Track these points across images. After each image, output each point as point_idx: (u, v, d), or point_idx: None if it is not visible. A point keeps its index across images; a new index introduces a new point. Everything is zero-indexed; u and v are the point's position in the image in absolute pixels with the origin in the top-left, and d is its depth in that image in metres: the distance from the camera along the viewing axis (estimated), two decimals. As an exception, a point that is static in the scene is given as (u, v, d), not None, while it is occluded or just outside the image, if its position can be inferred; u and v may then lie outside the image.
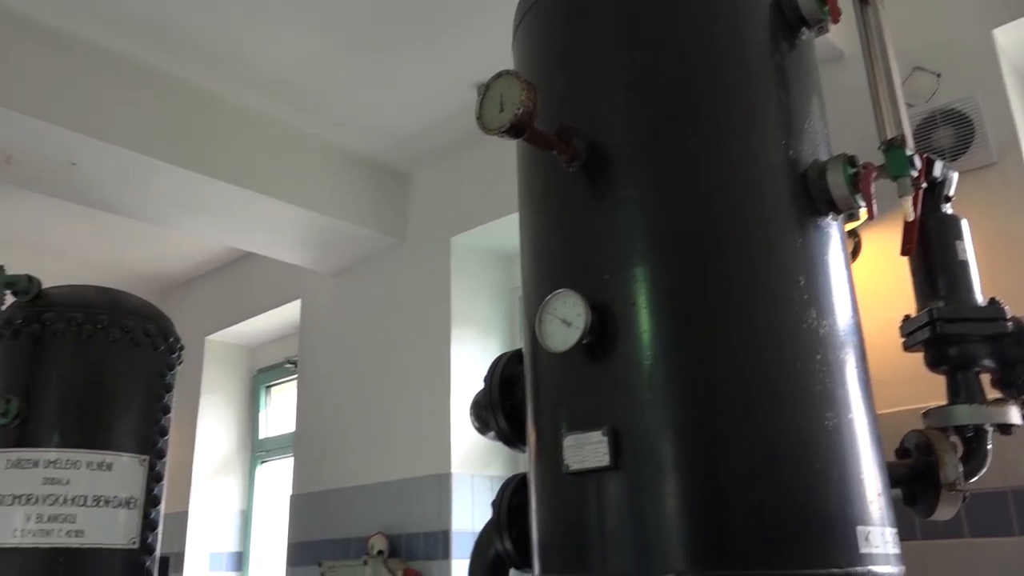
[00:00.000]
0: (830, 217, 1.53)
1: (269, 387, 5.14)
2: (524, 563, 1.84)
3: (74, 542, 3.13)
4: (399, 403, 3.69)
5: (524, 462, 3.45)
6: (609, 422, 1.38)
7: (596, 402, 1.42)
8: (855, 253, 2.56)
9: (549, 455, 1.49)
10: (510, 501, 1.87)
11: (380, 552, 3.34)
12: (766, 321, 1.38)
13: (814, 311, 1.41)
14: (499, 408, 1.90)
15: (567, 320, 1.44)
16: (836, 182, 1.48)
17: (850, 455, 1.35)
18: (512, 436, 1.91)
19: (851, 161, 1.50)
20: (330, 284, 4.29)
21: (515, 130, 1.40)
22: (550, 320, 1.47)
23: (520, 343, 1.82)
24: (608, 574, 1.34)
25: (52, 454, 3.19)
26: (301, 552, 3.91)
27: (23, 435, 3.20)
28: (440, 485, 3.37)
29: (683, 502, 1.29)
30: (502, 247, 3.84)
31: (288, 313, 4.66)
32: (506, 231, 3.64)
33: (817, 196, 1.50)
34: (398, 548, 3.41)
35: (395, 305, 3.89)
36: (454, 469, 3.37)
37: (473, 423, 2.09)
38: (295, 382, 4.61)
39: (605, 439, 1.36)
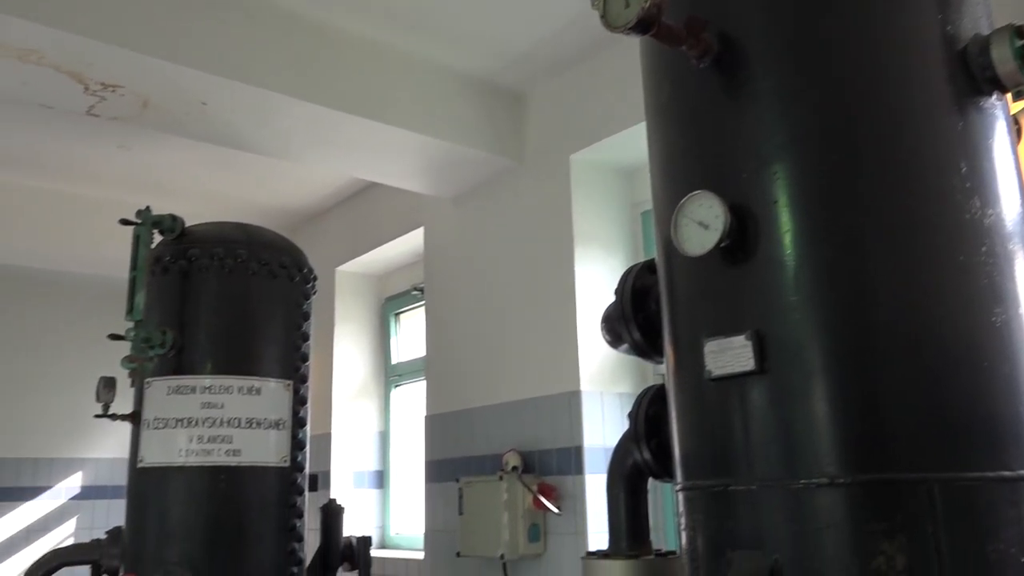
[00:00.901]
0: (994, 97, 1.39)
1: (398, 314, 5.30)
2: (664, 472, 1.84)
3: (232, 460, 3.37)
4: (526, 324, 3.73)
5: (653, 378, 3.43)
6: (752, 326, 1.33)
7: (737, 306, 1.37)
8: (1019, 135, 2.35)
9: (689, 363, 1.46)
10: (647, 412, 1.86)
11: (514, 468, 3.43)
12: (923, 214, 1.29)
13: (977, 200, 1.30)
14: (632, 320, 1.87)
15: (704, 223, 1.38)
16: (1002, 57, 1.34)
17: (1022, 352, 1.25)
18: (646, 347, 1.88)
19: (1019, 32, 1.35)
20: (451, 210, 4.34)
21: (642, 25, 1.33)
22: (686, 224, 1.42)
23: (643, 258, 1.77)
24: (755, 480, 1.31)
25: (207, 380, 3.42)
26: (439, 469, 4.07)
27: (180, 363, 3.44)
28: (570, 402, 3.41)
29: (834, 405, 1.24)
30: (623, 163, 3.75)
31: (412, 241, 4.76)
32: (626, 145, 3.55)
33: (979, 74, 1.36)
34: (531, 464, 3.49)
35: (516, 227, 3.89)
36: (583, 387, 3.39)
37: (604, 337, 2.08)
38: (422, 308, 4.73)
39: (749, 343, 1.32)
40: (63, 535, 6.55)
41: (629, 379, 3.56)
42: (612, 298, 2.12)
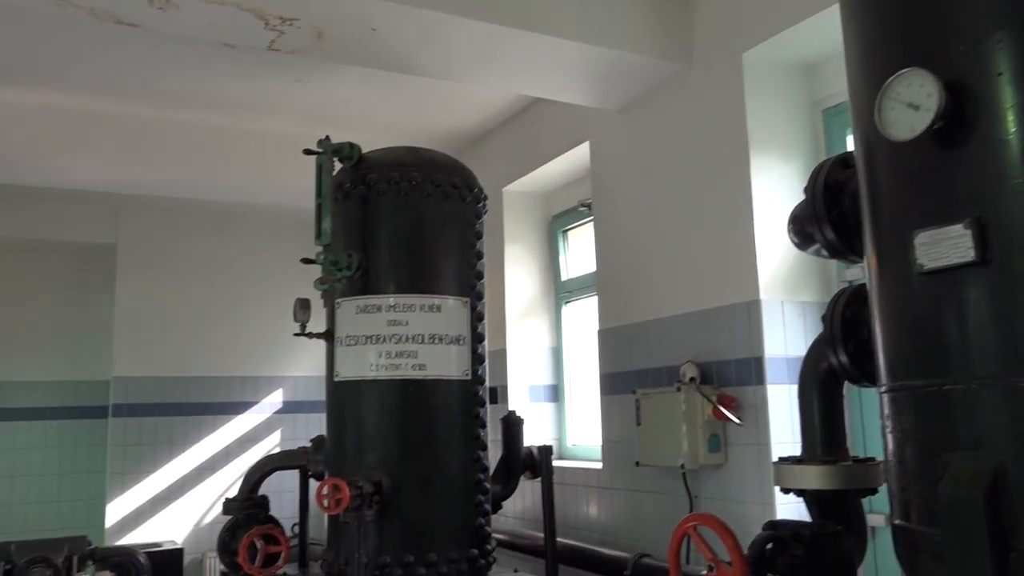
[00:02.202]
0: None
1: (566, 231, 5.32)
2: (862, 376, 1.76)
3: (418, 374, 3.56)
4: (699, 234, 3.63)
5: (838, 284, 3.27)
6: (972, 213, 1.22)
7: (953, 193, 1.26)
8: None
9: (895, 257, 1.37)
10: (843, 313, 1.78)
11: (692, 379, 3.40)
12: None
13: None
14: (824, 218, 1.78)
15: (914, 103, 1.27)
16: None
17: None
18: (840, 247, 1.79)
19: None
20: (617, 121, 4.25)
21: None
22: (892, 107, 1.31)
23: (823, 159, 1.66)
24: (973, 379, 1.23)
25: (391, 299, 3.60)
26: (614, 382, 4.11)
27: (365, 284, 3.64)
28: (749, 312, 3.31)
29: (1069, 296, 1.13)
30: (800, 58, 3.51)
31: (578, 156, 4.72)
32: (805, 39, 3.32)
33: None
34: (709, 375, 3.45)
35: (686, 134, 3.76)
36: (762, 296, 3.28)
37: (792, 239, 1.99)
38: (591, 224, 4.71)
39: (968, 232, 1.22)
40: (269, 446, 7.22)
41: (811, 287, 3.41)
42: (792, 203, 2.02)
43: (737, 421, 3.26)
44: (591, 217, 4.67)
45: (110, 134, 5.13)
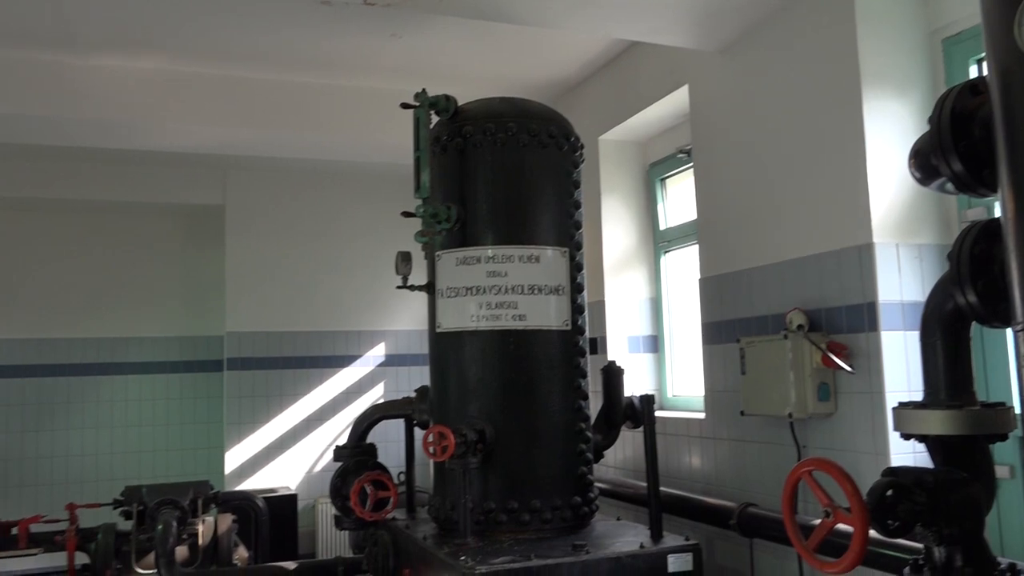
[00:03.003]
0: None
1: (663, 179, 5.21)
2: (993, 316, 1.67)
3: (519, 324, 3.58)
4: (807, 177, 3.49)
5: (959, 225, 3.09)
6: None
7: (1106, 112, 1.16)
8: None
9: (1035, 186, 1.27)
10: (971, 251, 1.68)
11: (800, 327, 3.30)
12: None
13: None
14: (951, 150, 1.67)
15: (1062, 16, 1.17)
16: None
17: None
18: (968, 179, 1.68)
19: None
20: (717, 63, 4.10)
21: None
22: (1037, 20, 1.21)
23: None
24: None
25: (489, 251, 3.62)
26: (716, 331, 4.04)
27: (464, 236, 3.66)
28: (861, 256, 3.17)
29: None
30: (917, -16, 3.29)
31: (676, 101, 4.59)
32: (922, -37, 3.10)
33: None
34: (818, 322, 3.34)
35: (792, 72, 3.60)
36: (876, 239, 3.14)
37: (914, 174, 1.89)
38: (690, 171, 4.59)
39: (1122, 154, 1.12)
40: (373, 397, 7.45)
41: (928, 229, 3.24)
42: (908, 140, 1.91)
43: (849, 369, 3.16)
44: (690, 164, 4.56)
45: (214, 97, 5.30)
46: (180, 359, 7.70)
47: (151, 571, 4.10)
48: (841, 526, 1.64)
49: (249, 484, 6.93)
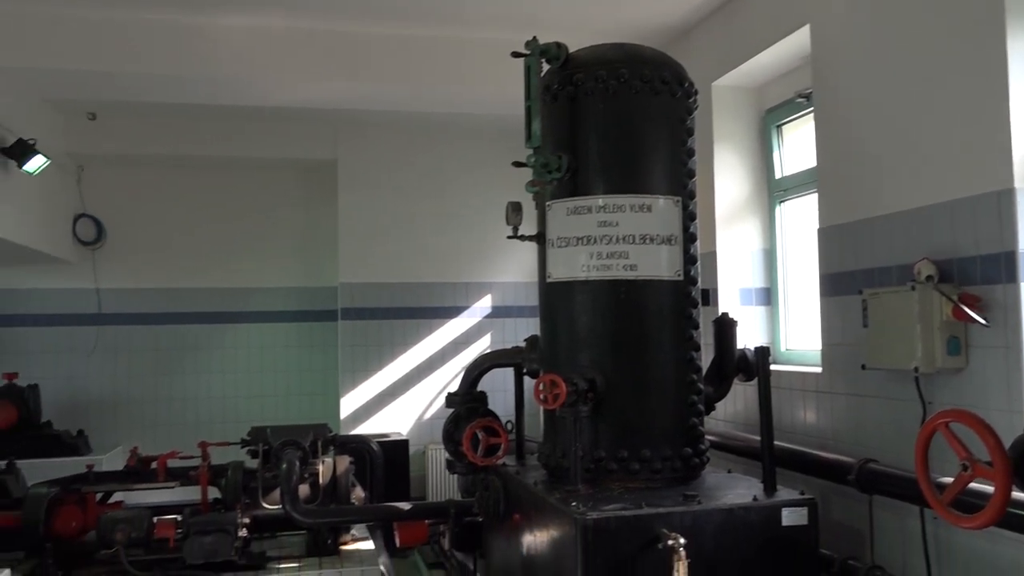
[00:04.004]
0: None
1: (780, 126, 5.00)
2: None
3: (630, 274, 3.55)
4: (939, 117, 3.28)
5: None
6: None
7: None
8: None
9: None
10: None
11: (929, 277, 3.14)
12: None
13: None
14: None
15: None
16: None
17: None
18: None
19: None
20: None
21: None
22: None
23: None
24: None
25: (600, 200, 3.58)
26: (836, 282, 3.89)
27: (575, 186, 3.64)
28: (1000, 202, 2.97)
29: None
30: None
31: (795, 43, 4.37)
32: None
33: None
34: (948, 273, 3.16)
35: (924, 3, 3.37)
36: (1018, 184, 2.93)
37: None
38: (810, 116, 4.40)
39: None
40: (481, 348, 7.58)
41: (1077, 173, 3.00)
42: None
43: (983, 322, 2.99)
44: (810, 108, 4.36)
45: (328, 52, 5.42)
46: (298, 309, 8.03)
47: (276, 506, 4.35)
48: (975, 484, 1.58)
49: (363, 429, 7.22)
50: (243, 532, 4.10)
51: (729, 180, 5.04)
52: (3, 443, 5.97)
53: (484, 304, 7.72)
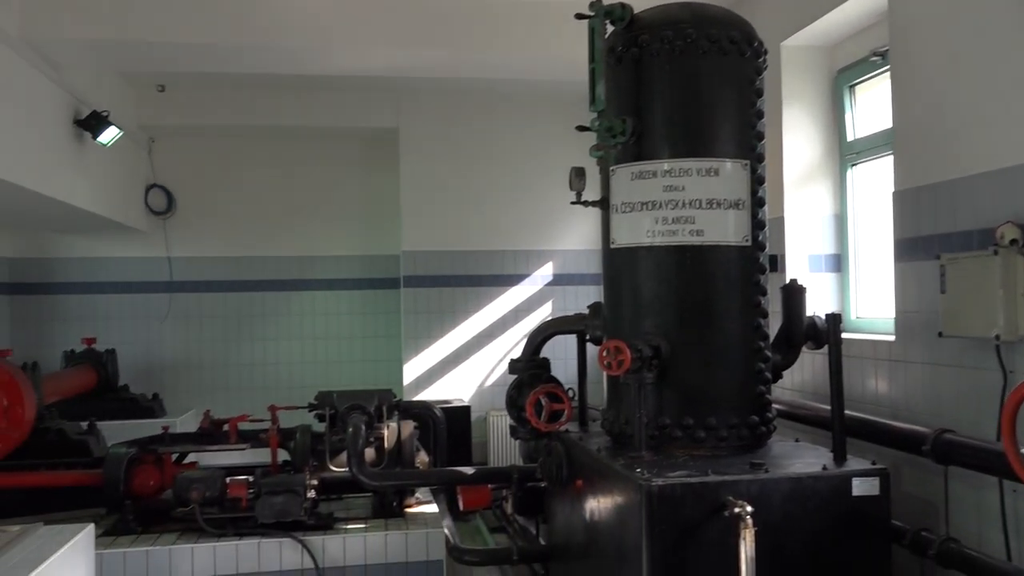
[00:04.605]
0: None
1: (853, 86, 4.82)
2: None
3: (695, 240, 3.48)
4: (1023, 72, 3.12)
5: None
6: None
7: None
8: None
9: None
10: None
11: (1013, 241, 3.00)
12: None
13: None
14: None
15: None
16: None
17: None
18: None
19: None
20: (921, -49, 3.71)
21: None
22: None
23: None
24: None
25: (666, 164, 3.52)
26: (911, 247, 3.75)
27: (640, 149, 3.58)
28: (1092, 162, 2.83)
29: None
30: None
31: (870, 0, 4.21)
32: None
33: None
34: (1034, 237, 3.02)
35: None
36: (1113, 142, 2.78)
37: None
38: (885, 75, 4.23)
39: None
40: (541, 316, 7.57)
41: None
42: None
43: (1070, 288, 2.85)
44: (886, 67, 4.20)
45: (389, 19, 5.41)
46: (361, 276, 8.13)
47: (343, 469, 4.44)
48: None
49: (425, 395, 7.31)
50: (311, 493, 4.19)
51: (798, 143, 4.90)
52: (84, 405, 6.21)
53: (545, 272, 7.71)
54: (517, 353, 4.25)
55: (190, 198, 7.87)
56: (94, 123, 5.85)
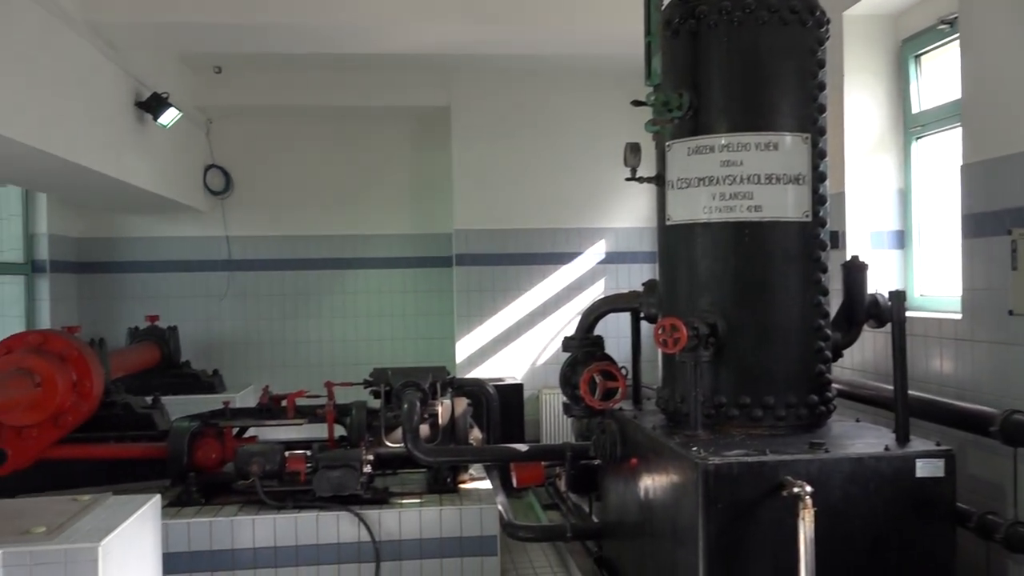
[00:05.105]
0: None
1: (918, 56, 4.65)
2: None
3: (754, 216, 3.41)
4: (1109, 39, 2.97)
5: None
6: None
7: None
8: None
9: None
10: None
11: (1090, 215, 2.88)
12: None
13: None
14: None
15: None
16: None
17: None
18: None
19: None
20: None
21: None
22: None
23: None
24: None
25: (723, 139, 3.45)
26: (981, 222, 3.61)
27: (696, 124, 3.51)
28: None
29: None
30: None
31: (938, -36, 4.06)
32: None
33: None
34: (1113, 211, 2.89)
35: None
36: None
37: None
38: (953, 44, 4.07)
39: None
40: (594, 294, 7.52)
41: None
42: None
43: None
44: (955, 35, 4.03)
45: (439, -4, 5.40)
46: (414, 255, 8.18)
47: (398, 445, 4.50)
48: None
49: (477, 373, 7.34)
50: (367, 468, 4.26)
51: (861, 116, 4.75)
52: (147, 381, 6.41)
53: (598, 250, 7.65)
54: (569, 332, 4.23)
55: (246, 178, 8.00)
56: (155, 105, 5.97)
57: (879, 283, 4.37)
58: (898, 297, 3.25)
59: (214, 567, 4.00)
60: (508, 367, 7.50)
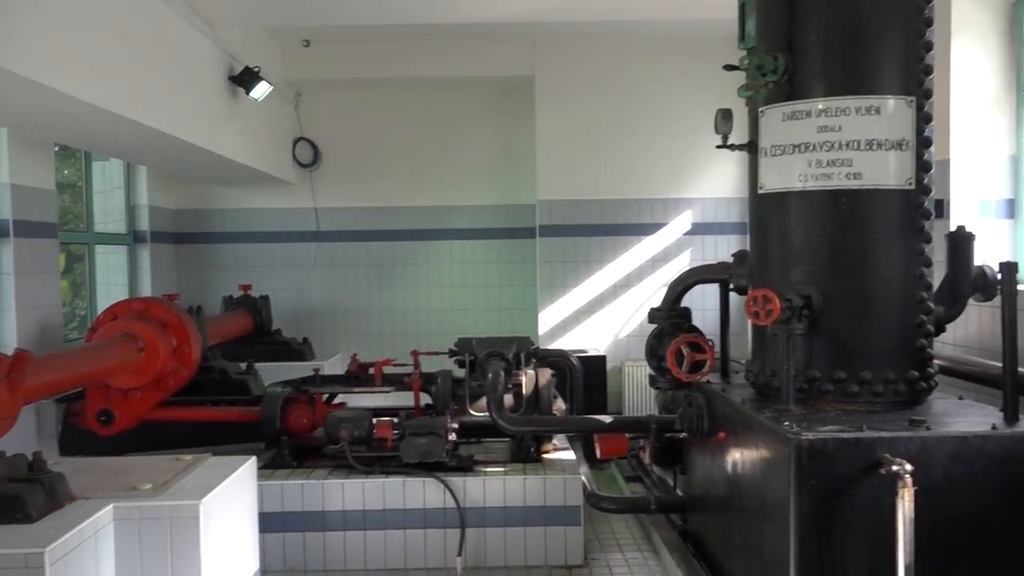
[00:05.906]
0: None
1: (1035, 13, 4.38)
2: None
3: (852, 184, 3.27)
4: None
5: None
6: None
7: None
8: None
9: None
10: None
11: None
12: None
13: None
14: None
15: None
16: None
17: None
18: None
19: None
20: None
21: None
22: None
23: None
24: None
25: (820, 103, 3.30)
26: (1103, 190, 3.40)
27: (792, 88, 3.37)
28: None
29: None
30: None
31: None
32: None
33: None
34: None
35: None
36: None
37: None
38: (1075, -3, 3.80)
39: None
40: (679, 266, 7.39)
41: None
42: None
43: None
44: (1077, -12, 3.76)
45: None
46: (497, 226, 8.19)
47: (483, 413, 4.54)
48: None
49: (560, 344, 7.33)
50: (452, 436, 4.31)
51: (969, 77, 4.50)
52: (241, 348, 6.63)
53: (684, 220, 7.51)
54: (653, 304, 4.16)
55: (334, 150, 8.13)
56: (247, 79, 6.11)
57: (986, 255, 4.15)
58: (1009, 269, 3.07)
59: (307, 527, 4.14)
60: (591, 339, 7.47)
